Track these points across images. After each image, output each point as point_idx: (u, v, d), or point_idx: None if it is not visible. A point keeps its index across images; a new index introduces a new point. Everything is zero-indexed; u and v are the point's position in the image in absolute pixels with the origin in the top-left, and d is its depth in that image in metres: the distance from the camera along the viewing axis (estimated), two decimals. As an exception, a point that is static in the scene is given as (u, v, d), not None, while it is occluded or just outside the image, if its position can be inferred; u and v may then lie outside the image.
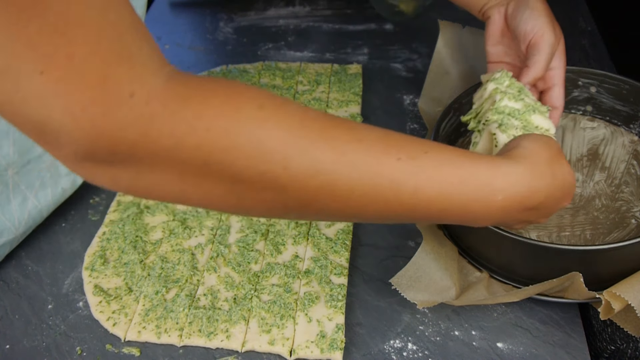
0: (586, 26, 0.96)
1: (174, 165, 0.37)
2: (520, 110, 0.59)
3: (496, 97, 0.60)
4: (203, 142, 0.36)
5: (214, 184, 0.38)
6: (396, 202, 0.41)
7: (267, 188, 0.38)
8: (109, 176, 0.38)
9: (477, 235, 0.62)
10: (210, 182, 0.38)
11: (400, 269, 0.59)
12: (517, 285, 0.61)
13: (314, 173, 0.38)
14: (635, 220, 0.66)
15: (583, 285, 0.54)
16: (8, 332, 0.63)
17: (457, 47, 0.79)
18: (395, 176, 0.40)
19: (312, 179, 0.38)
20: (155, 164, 0.36)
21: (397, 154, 0.40)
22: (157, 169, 0.37)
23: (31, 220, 0.70)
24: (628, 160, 0.72)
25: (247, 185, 0.38)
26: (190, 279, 0.66)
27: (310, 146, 0.38)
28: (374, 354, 0.59)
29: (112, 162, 0.36)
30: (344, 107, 0.89)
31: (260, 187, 0.38)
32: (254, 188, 0.38)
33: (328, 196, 0.39)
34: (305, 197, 0.39)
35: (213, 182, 0.38)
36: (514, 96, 0.60)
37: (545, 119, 0.60)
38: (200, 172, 0.37)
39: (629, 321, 0.54)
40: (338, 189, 0.39)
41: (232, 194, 0.39)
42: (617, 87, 0.73)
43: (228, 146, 0.36)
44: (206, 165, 0.37)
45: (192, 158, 0.36)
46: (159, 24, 1.14)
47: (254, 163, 0.37)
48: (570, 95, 0.77)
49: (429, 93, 0.78)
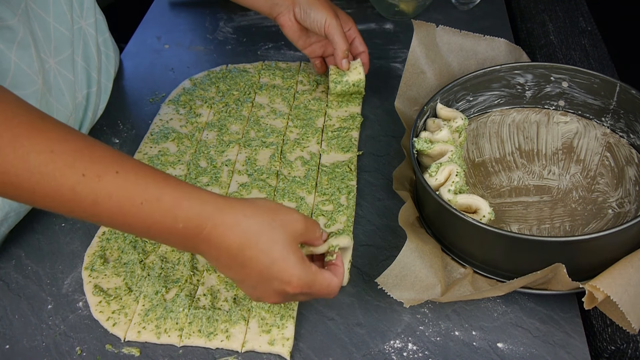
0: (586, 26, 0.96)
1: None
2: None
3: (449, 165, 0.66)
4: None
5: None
6: (78, 208, 0.47)
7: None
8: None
9: (459, 232, 0.63)
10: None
11: (400, 269, 0.59)
12: (501, 280, 0.62)
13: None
14: (612, 211, 0.67)
15: (566, 276, 0.56)
16: (8, 332, 0.63)
17: (432, 46, 0.80)
18: (77, 189, 0.46)
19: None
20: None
21: (84, 170, 0.46)
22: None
23: (7, 205, 0.69)
24: (601, 152, 0.73)
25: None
26: (190, 279, 0.66)
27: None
28: (374, 354, 0.59)
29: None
30: (344, 107, 0.89)
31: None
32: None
33: (13, 191, 0.46)
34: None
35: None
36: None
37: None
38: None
39: (613, 311, 0.55)
40: (20, 188, 0.45)
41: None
42: (588, 81, 0.74)
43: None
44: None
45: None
46: (159, 24, 1.14)
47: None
48: (543, 90, 0.78)
49: (404, 93, 0.79)
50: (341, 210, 0.73)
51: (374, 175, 0.79)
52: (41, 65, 0.72)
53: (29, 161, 0.45)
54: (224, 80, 0.96)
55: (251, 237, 0.51)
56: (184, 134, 0.86)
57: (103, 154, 0.48)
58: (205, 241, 0.50)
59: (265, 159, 0.81)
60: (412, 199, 0.71)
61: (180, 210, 0.49)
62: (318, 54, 0.89)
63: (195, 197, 0.50)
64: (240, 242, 0.50)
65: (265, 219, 0.52)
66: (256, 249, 0.51)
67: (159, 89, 0.97)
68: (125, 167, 0.48)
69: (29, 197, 0.46)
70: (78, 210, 0.47)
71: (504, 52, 0.82)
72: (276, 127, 0.86)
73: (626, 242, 0.59)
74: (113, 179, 0.47)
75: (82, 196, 0.46)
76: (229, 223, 0.50)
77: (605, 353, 0.60)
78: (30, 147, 0.45)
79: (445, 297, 0.60)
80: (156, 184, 0.49)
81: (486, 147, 0.77)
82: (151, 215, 0.48)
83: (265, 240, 0.51)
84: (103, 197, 0.47)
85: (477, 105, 0.80)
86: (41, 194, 0.46)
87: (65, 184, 0.46)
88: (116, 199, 0.47)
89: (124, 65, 1.03)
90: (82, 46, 0.84)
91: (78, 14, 0.83)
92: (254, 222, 0.51)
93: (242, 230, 0.50)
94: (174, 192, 0.49)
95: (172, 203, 0.49)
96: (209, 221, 0.50)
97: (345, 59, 0.83)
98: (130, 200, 0.48)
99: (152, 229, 0.49)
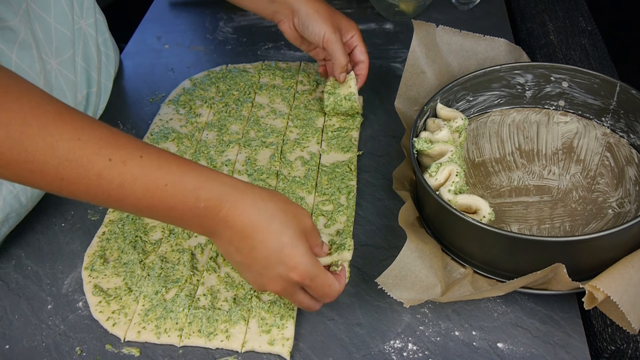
0: (586, 26, 0.96)
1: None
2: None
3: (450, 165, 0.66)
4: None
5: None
6: (104, 194, 0.49)
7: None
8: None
9: (459, 232, 0.63)
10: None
11: (400, 269, 0.59)
12: (501, 280, 0.62)
13: (23, 161, 0.46)
14: (612, 211, 0.67)
15: (567, 276, 0.56)
16: (7, 332, 0.63)
17: (432, 46, 0.80)
18: (103, 174, 0.48)
19: (22, 165, 0.46)
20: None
21: (110, 155, 0.48)
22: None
23: (8, 206, 0.69)
24: (601, 152, 0.73)
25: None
26: (190, 279, 0.66)
27: (25, 138, 0.45)
28: (374, 354, 0.59)
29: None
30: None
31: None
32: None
33: (40, 179, 0.47)
34: (19, 177, 0.47)
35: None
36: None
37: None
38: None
39: (613, 311, 0.55)
40: (48, 176, 0.47)
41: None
42: (588, 81, 0.74)
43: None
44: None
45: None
46: (158, 24, 1.14)
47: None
48: (544, 90, 0.78)
49: (404, 93, 0.79)
50: (341, 210, 0.73)
51: (374, 175, 0.79)
52: (42, 66, 0.72)
53: (58, 149, 0.46)
54: (224, 80, 0.96)
55: (264, 219, 0.53)
56: (183, 134, 0.86)
57: (126, 141, 0.50)
58: (222, 221, 0.53)
59: (265, 159, 0.81)
60: (412, 199, 0.71)
61: (202, 191, 0.51)
62: (321, 57, 0.88)
63: (216, 179, 0.53)
64: (254, 224, 0.53)
65: (280, 205, 0.54)
66: (267, 232, 0.53)
67: (159, 89, 0.97)
68: (148, 152, 0.51)
69: (57, 185, 0.48)
70: (103, 195, 0.49)
71: (504, 52, 0.82)
72: (276, 127, 0.86)
73: (626, 242, 0.59)
74: (138, 163, 0.49)
75: (109, 181, 0.48)
76: (246, 204, 0.53)
77: (605, 353, 0.60)
78: (59, 135, 0.46)
79: (445, 297, 0.60)
80: (178, 167, 0.51)
81: (486, 147, 0.77)
82: (174, 195, 0.51)
83: (277, 224, 0.53)
84: (129, 181, 0.49)
85: (477, 105, 0.80)
86: (69, 181, 0.47)
87: (92, 170, 0.48)
88: (141, 182, 0.49)
89: (124, 65, 1.03)
90: (82, 46, 0.84)
91: (78, 14, 0.83)
92: (269, 206, 0.53)
93: (258, 212, 0.53)
94: (196, 174, 0.52)
95: (194, 184, 0.51)
96: (227, 202, 0.52)
97: (344, 73, 0.82)
98: (155, 182, 0.50)
99: (174, 210, 0.51)
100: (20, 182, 0.49)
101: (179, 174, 0.51)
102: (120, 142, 0.49)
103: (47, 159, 0.46)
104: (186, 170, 0.52)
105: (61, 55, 0.77)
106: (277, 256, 0.53)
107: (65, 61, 0.78)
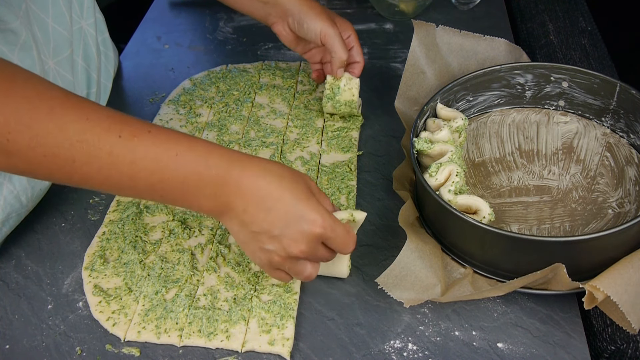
0: (586, 26, 0.96)
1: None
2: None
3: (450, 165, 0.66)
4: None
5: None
6: (116, 172, 0.49)
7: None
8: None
9: (459, 232, 0.63)
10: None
11: (400, 269, 0.59)
12: (501, 280, 0.62)
13: (35, 145, 0.46)
14: (612, 211, 0.67)
15: (566, 276, 0.56)
16: (8, 332, 0.63)
17: (432, 46, 0.80)
18: (114, 151, 0.49)
19: (33, 149, 0.46)
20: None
21: (119, 132, 0.49)
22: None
23: (8, 206, 0.69)
24: (601, 152, 0.73)
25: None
26: (190, 279, 0.66)
27: (34, 123, 0.45)
28: (374, 354, 0.59)
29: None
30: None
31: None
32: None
33: (52, 164, 0.47)
34: (31, 164, 0.47)
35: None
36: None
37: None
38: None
39: (613, 311, 0.55)
40: (60, 159, 0.47)
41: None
42: (589, 81, 0.74)
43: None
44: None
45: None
46: (159, 24, 1.14)
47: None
48: (544, 90, 0.78)
49: (404, 93, 0.79)
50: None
51: (374, 175, 0.79)
52: (42, 67, 0.72)
53: (68, 130, 0.47)
54: (224, 80, 0.96)
55: (275, 180, 0.54)
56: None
57: (133, 119, 0.51)
58: (235, 188, 0.53)
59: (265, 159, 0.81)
60: (412, 199, 0.71)
61: (211, 157, 0.53)
62: (317, 59, 0.87)
63: (222, 148, 0.55)
64: (268, 186, 0.54)
65: (285, 169, 0.56)
66: (282, 190, 0.54)
67: (159, 89, 0.97)
68: (156, 127, 0.52)
69: (68, 169, 0.48)
70: (116, 174, 0.50)
71: (504, 52, 0.82)
72: (276, 127, 0.86)
73: (626, 242, 0.59)
74: (147, 137, 0.50)
75: (120, 158, 0.49)
76: (255, 168, 0.54)
77: (605, 353, 0.60)
78: (67, 117, 0.47)
79: (445, 297, 0.60)
80: (186, 138, 0.53)
81: (486, 147, 0.77)
82: (185, 165, 0.51)
83: (288, 183, 0.54)
84: (140, 156, 0.50)
85: (477, 105, 0.80)
86: (80, 161, 0.48)
87: (103, 148, 0.48)
88: (152, 154, 0.50)
89: (123, 66, 1.03)
90: (82, 46, 0.84)
91: (78, 14, 0.83)
92: (275, 168, 0.55)
93: (268, 174, 0.54)
94: (204, 144, 0.54)
95: (203, 151, 0.53)
96: (236, 167, 0.53)
97: (342, 68, 0.80)
98: (166, 153, 0.51)
99: (186, 181, 0.52)
100: (31, 172, 0.49)
101: (187, 144, 0.52)
102: (128, 119, 0.51)
103: (58, 141, 0.46)
104: (194, 141, 0.53)
105: (58, 55, 0.77)
106: (295, 210, 0.54)
107: (62, 61, 0.78)
